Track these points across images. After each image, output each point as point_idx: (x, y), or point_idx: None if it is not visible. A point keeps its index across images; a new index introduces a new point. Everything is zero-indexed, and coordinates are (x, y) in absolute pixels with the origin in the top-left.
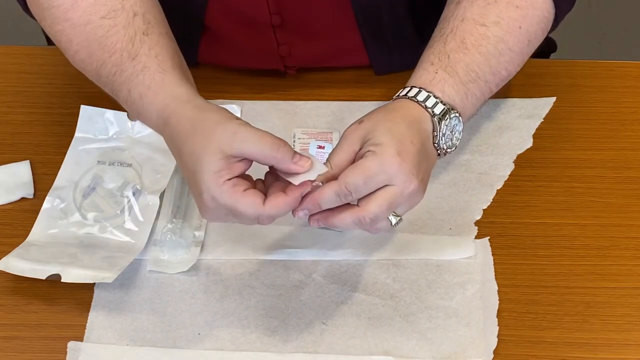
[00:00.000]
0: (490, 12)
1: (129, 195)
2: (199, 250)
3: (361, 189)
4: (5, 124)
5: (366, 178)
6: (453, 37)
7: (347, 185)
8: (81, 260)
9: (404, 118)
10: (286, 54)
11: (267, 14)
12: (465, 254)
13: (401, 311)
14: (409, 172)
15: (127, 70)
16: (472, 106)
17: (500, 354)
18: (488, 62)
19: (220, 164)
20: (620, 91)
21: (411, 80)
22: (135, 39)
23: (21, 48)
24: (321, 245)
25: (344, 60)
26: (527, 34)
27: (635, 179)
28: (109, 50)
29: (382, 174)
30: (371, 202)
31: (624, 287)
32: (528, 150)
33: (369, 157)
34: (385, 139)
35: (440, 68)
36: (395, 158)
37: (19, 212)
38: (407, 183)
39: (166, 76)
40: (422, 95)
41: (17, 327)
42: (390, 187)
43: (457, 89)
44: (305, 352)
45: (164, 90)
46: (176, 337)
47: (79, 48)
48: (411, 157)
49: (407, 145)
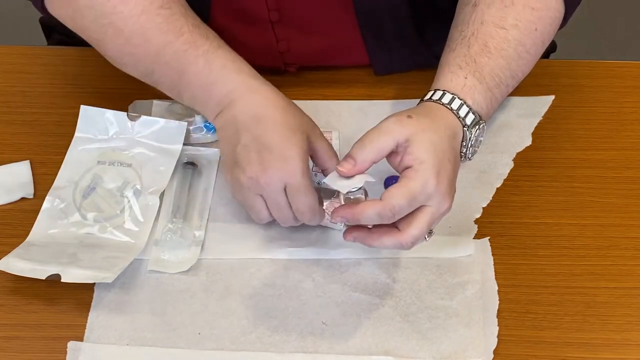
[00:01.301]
0: (509, 15)
1: (129, 195)
2: (199, 250)
3: (404, 211)
4: (5, 124)
5: (410, 200)
6: (475, 40)
7: (392, 208)
8: (81, 260)
9: (445, 131)
10: (285, 50)
11: (266, 10)
12: (465, 252)
13: (401, 311)
14: (444, 193)
15: (204, 46)
16: (493, 110)
17: (500, 354)
18: (509, 66)
19: (307, 145)
20: (620, 91)
21: (441, 83)
22: (200, 26)
23: (21, 48)
24: (321, 244)
25: (344, 59)
26: (542, 35)
27: (635, 179)
28: (176, 32)
29: (423, 195)
30: (412, 227)
31: (624, 287)
32: (528, 150)
33: (412, 176)
34: (428, 157)
35: (469, 73)
36: (434, 179)
37: (19, 212)
38: (442, 204)
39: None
40: (455, 104)
41: (17, 327)
42: (428, 207)
43: (484, 96)
44: (305, 352)
45: (245, 66)
46: (176, 337)
47: (131, 36)
48: (447, 176)
49: (445, 164)
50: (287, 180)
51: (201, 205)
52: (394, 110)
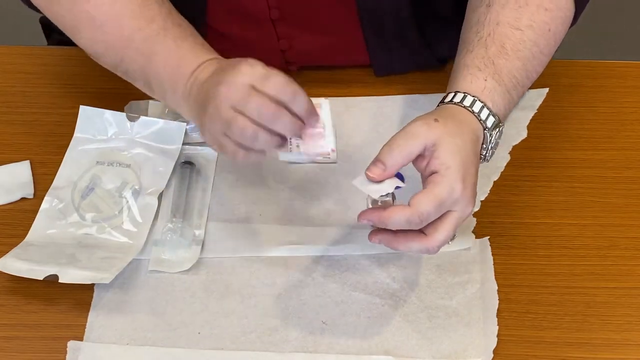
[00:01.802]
0: (523, 16)
1: (128, 195)
2: (199, 249)
3: (432, 217)
4: (5, 124)
5: (438, 207)
6: (492, 41)
7: (420, 215)
8: (79, 260)
9: (469, 135)
10: (286, 48)
11: (266, 8)
12: (464, 245)
13: (401, 311)
14: (469, 197)
15: (175, 32)
16: (509, 111)
17: (500, 354)
18: (525, 67)
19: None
20: (620, 91)
21: (461, 85)
22: (174, 14)
23: (21, 48)
24: (321, 242)
25: (345, 58)
26: (555, 35)
27: (635, 179)
28: (148, 19)
29: (449, 201)
30: (439, 232)
31: (624, 287)
32: (528, 150)
33: (439, 182)
34: (454, 162)
35: (489, 75)
36: (460, 184)
37: (18, 212)
38: (467, 208)
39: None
40: (477, 107)
41: (17, 327)
42: (454, 212)
43: (503, 97)
44: (305, 352)
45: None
46: (176, 336)
47: (104, 23)
48: (471, 181)
49: (470, 169)
50: (246, 77)
51: (200, 204)
52: (393, 106)
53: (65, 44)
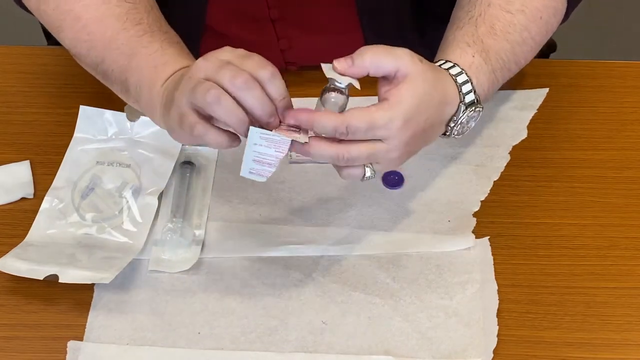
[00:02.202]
0: (515, 0)
1: (128, 195)
2: (199, 249)
3: (359, 136)
4: (5, 124)
5: (368, 129)
6: (483, 21)
7: (349, 126)
8: (79, 260)
9: (441, 94)
10: (286, 48)
11: (266, 8)
12: (464, 245)
13: (401, 311)
14: (402, 142)
15: (161, 37)
16: (492, 93)
17: (500, 354)
18: (513, 50)
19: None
20: (620, 91)
21: (449, 57)
22: (161, 21)
23: (21, 48)
24: (321, 242)
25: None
26: (546, 24)
27: (635, 179)
28: (133, 22)
29: (383, 130)
30: (354, 147)
31: (624, 287)
32: (528, 150)
33: (383, 108)
34: (409, 102)
35: (476, 52)
36: (400, 122)
37: (18, 212)
38: (395, 150)
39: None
40: (461, 78)
41: (17, 327)
42: (380, 142)
43: (488, 77)
44: (305, 352)
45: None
46: (176, 336)
47: (88, 23)
48: (415, 128)
49: (419, 120)
50: (228, 52)
51: (200, 204)
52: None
53: None
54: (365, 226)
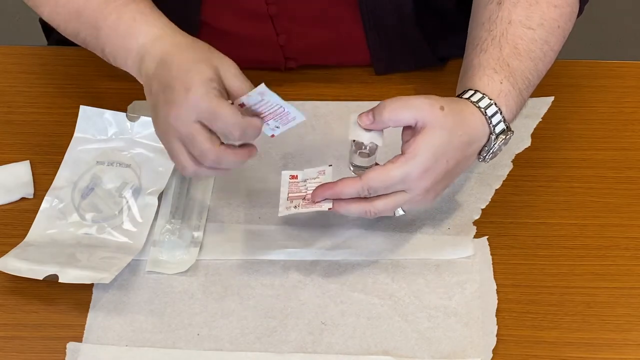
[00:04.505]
0: (535, 14)
1: (128, 195)
2: (197, 251)
3: (381, 192)
4: (5, 124)
5: (387, 187)
6: (506, 42)
7: (369, 188)
8: (79, 260)
9: (464, 136)
10: (285, 43)
11: (264, 4)
12: (464, 254)
13: (400, 311)
14: (424, 189)
15: (116, 2)
16: (519, 112)
17: (500, 354)
18: (536, 67)
19: (212, 74)
20: (620, 91)
21: (477, 85)
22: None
23: (21, 48)
24: (320, 245)
25: (345, 56)
26: (563, 32)
27: (635, 179)
28: None
29: (401, 184)
30: (380, 201)
31: (624, 287)
32: (528, 150)
33: (399, 164)
34: (423, 154)
35: (504, 78)
36: (419, 173)
37: (18, 212)
38: (419, 197)
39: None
40: (490, 110)
41: (17, 327)
42: (403, 193)
43: (516, 101)
44: (304, 352)
45: (157, 17)
46: (175, 337)
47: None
48: (435, 175)
49: (438, 167)
50: (195, 110)
51: (200, 206)
52: None
53: (65, 44)
54: (365, 232)
